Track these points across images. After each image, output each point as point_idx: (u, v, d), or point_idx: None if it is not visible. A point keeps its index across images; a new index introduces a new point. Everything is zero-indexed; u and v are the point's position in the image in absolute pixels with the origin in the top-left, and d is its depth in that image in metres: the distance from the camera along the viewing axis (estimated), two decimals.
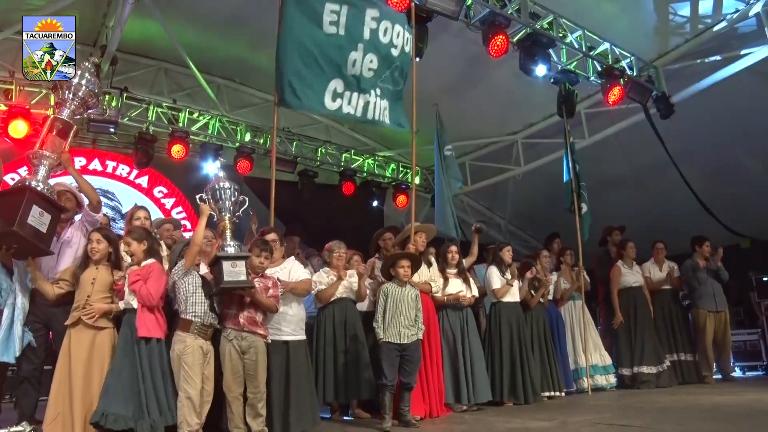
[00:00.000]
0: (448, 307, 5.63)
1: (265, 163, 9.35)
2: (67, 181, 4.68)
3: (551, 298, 6.77)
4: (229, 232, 4.05)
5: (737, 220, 9.15)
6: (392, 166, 11.31)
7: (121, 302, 3.96)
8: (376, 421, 4.73)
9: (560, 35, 7.20)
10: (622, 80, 7.74)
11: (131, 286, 3.86)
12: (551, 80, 7.80)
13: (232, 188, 4.13)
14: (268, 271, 4.23)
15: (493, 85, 8.83)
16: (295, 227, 7.34)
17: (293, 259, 4.77)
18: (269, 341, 4.08)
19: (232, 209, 4.12)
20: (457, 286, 5.70)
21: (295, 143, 9.93)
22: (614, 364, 6.93)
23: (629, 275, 7.16)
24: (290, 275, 4.47)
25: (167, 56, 8.82)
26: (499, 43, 6.63)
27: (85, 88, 4.15)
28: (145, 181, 9.60)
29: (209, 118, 9.18)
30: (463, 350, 5.52)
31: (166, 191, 9.74)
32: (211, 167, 9.01)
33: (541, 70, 7.17)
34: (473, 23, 6.67)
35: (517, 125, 10.16)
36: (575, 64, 7.75)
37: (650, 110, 8.21)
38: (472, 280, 5.95)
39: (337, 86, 5.21)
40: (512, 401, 5.71)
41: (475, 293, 5.86)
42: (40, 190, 3.85)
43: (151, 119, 8.65)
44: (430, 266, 5.61)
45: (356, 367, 4.94)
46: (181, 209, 9.67)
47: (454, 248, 5.87)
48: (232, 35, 8.32)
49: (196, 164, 9.37)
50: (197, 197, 4.15)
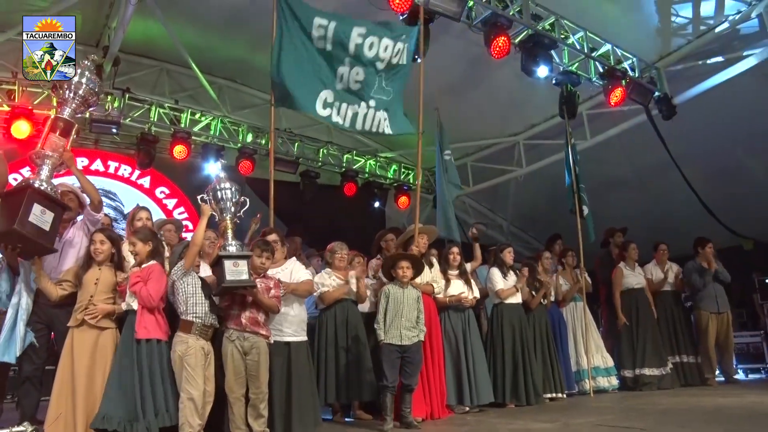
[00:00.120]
0: (449, 308, 5.62)
1: (266, 163, 9.19)
2: (69, 181, 4.68)
3: (553, 299, 6.77)
4: (230, 232, 4.06)
5: (740, 221, 9.13)
6: (394, 167, 11.32)
7: (123, 303, 3.96)
8: (377, 422, 4.72)
9: (562, 36, 7.19)
10: (624, 81, 7.74)
11: (132, 287, 3.86)
12: (553, 81, 7.79)
13: (233, 189, 4.14)
14: (269, 271, 4.23)
15: (494, 86, 8.83)
16: (296, 228, 7.35)
17: (295, 259, 4.77)
18: (271, 342, 4.08)
19: (233, 210, 4.13)
20: (458, 287, 5.70)
21: (296, 144, 9.94)
22: (616, 365, 6.92)
23: (631, 277, 7.15)
24: (292, 276, 4.47)
25: (169, 57, 8.84)
26: (500, 44, 6.63)
27: (85, 86, 4.14)
28: (147, 181, 9.61)
29: (211, 118, 9.20)
30: (465, 351, 5.52)
31: (168, 192, 9.75)
32: (212, 168, 9.01)
33: (542, 71, 7.16)
34: (475, 24, 6.67)
35: (518, 126, 10.16)
36: (577, 65, 7.75)
37: (652, 111, 8.20)
38: (473, 281, 5.95)
39: (327, 96, 5.34)
40: (514, 403, 5.70)
41: (476, 294, 5.85)
42: (41, 188, 3.83)
43: (153, 120, 8.67)
44: (431, 267, 5.61)
45: (358, 368, 4.93)
46: (182, 210, 9.67)
47: (455, 250, 5.87)
48: (233, 36, 8.33)
49: (198, 165, 9.37)
50: (198, 198, 4.16)
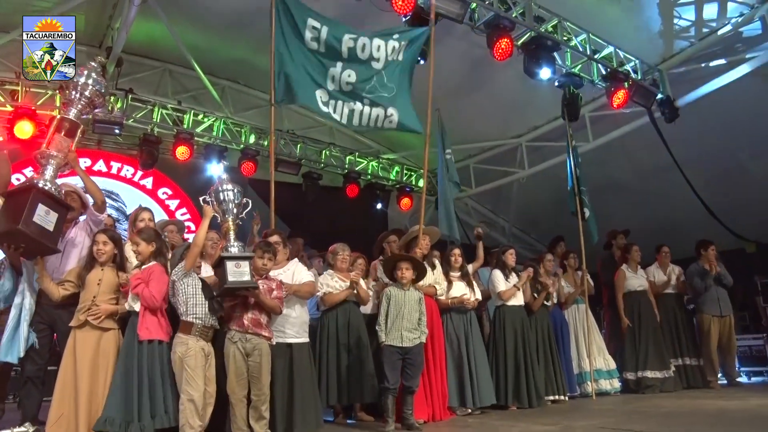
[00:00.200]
0: (451, 310, 5.61)
1: (269, 165, 9.34)
2: (72, 181, 4.68)
3: (555, 301, 6.75)
4: (232, 233, 4.06)
5: (742, 224, 9.12)
6: (396, 168, 11.32)
7: (125, 303, 3.96)
8: (379, 424, 4.71)
9: (565, 38, 7.19)
10: (626, 84, 7.74)
11: (134, 290, 3.86)
12: (556, 83, 7.79)
13: (235, 190, 4.15)
14: (271, 273, 4.24)
15: (497, 88, 8.84)
16: (298, 229, 7.35)
17: (297, 261, 4.77)
18: (274, 343, 4.08)
19: (235, 211, 4.14)
20: (460, 289, 5.68)
21: (299, 145, 9.95)
22: (618, 368, 6.91)
23: (633, 279, 7.13)
24: (294, 277, 4.47)
25: (172, 58, 8.86)
26: (503, 46, 6.63)
27: (91, 87, 4.16)
28: (149, 182, 9.63)
29: (214, 119, 9.22)
30: (467, 353, 5.50)
31: (170, 193, 9.75)
32: (215, 169, 9.02)
33: (545, 73, 7.15)
34: (478, 26, 6.67)
35: (521, 128, 10.17)
36: (580, 67, 7.75)
37: (655, 114, 8.20)
38: (475, 283, 5.94)
39: (321, 95, 5.45)
40: (516, 405, 5.68)
41: (478, 296, 5.84)
42: (45, 188, 3.83)
43: (155, 121, 8.69)
44: (434, 269, 5.60)
45: (359, 370, 4.92)
46: (185, 211, 9.67)
47: (457, 251, 5.86)
48: (236, 37, 8.35)
49: (200, 166, 9.39)
50: (200, 199, 4.16)
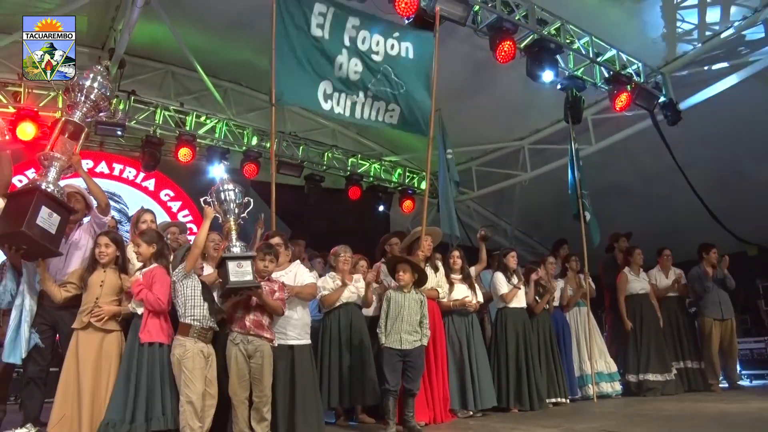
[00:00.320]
0: (453, 312, 5.61)
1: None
2: (76, 182, 4.69)
3: (557, 304, 6.75)
4: (234, 233, 4.06)
5: (744, 227, 9.10)
6: (399, 170, 11.32)
7: (129, 304, 3.96)
8: (380, 426, 4.71)
9: (567, 41, 7.18)
10: (629, 87, 7.72)
11: (137, 297, 3.85)
12: (558, 86, 7.78)
13: (236, 190, 4.14)
14: (273, 274, 4.24)
15: (500, 90, 8.83)
16: (300, 231, 7.35)
17: (299, 263, 4.76)
18: (275, 345, 4.08)
19: (237, 211, 4.13)
20: (462, 291, 5.68)
21: (301, 147, 9.95)
22: (620, 371, 6.90)
23: (636, 282, 7.13)
24: (296, 279, 4.47)
25: (175, 59, 8.87)
26: (506, 48, 6.63)
27: (97, 90, 4.15)
28: (151, 184, 9.63)
29: (216, 121, 9.22)
30: (468, 356, 5.50)
31: (172, 194, 9.76)
32: (217, 171, 9.03)
33: (548, 75, 7.14)
34: (481, 29, 6.67)
35: (523, 131, 10.16)
36: (582, 70, 7.73)
37: (657, 117, 8.19)
38: (477, 286, 5.94)
39: (326, 87, 5.42)
40: (517, 407, 5.69)
41: (480, 299, 5.84)
42: (49, 191, 3.83)
43: (158, 122, 8.68)
44: (437, 272, 5.60)
45: (361, 372, 4.92)
46: (187, 212, 9.68)
47: (456, 253, 5.86)
48: (239, 39, 8.35)
49: (202, 168, 9.37)
50: (201, 200, 4.16)
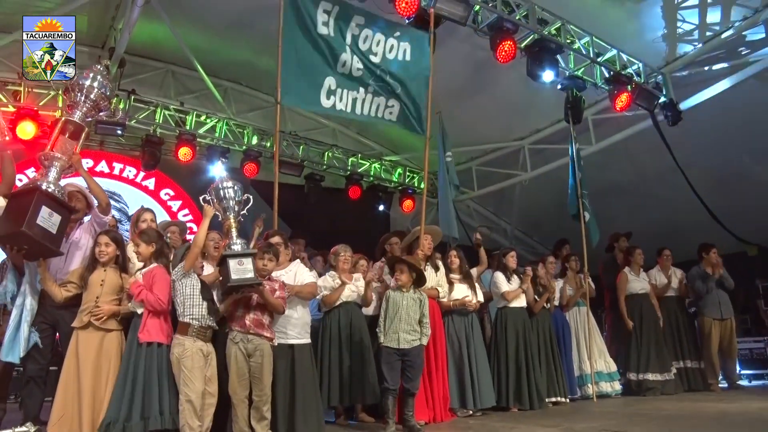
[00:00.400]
0: (453, 312, 5.61)
1: (272, 166, 9.21)
2: (77, 181, 4.69)
3: (557, 304, 6.75)
4: (234, 231, 4.06)
5: (744, 227, 9.10)
6: (399, 170, 11.32)
7: (129, 303, 3.96)
8: (380, 425, 4.71)
9: (568, 41, 7.18)
10: (629, 87, 7.73)
11: (137, 299, 3.85)
12: (558, 86, 7.78)
13: (235, 187, 4.15)
14: (273, 274, 4.24)
15: (500, 90, 8.84)
16: (301, 230, 7.35)
17: (299, 262, 4.77)
18: (275, 344, 4.08)
19: (236, 208, 4.13)
20: (462, 291, 5.68)
21: (301, 147, 9.95)
22: (620, 370, 6.90)
23: (635, 282, 7.14)
24: (296, 278, 4.47)
25: (175, 59, 8.87)
26: (506, 48, 6.63)
27: (97, 90, 4.15)
28: (151, 183, 9.64)
29: (216, 120, 9.22)
30: (468, 355, 5.50)
31: (172, 194, 9.77)
32: (217, 170, 9.03)
33: (548, 75, 7.14)
34: (481, 29, 6.67)
35: (524, 131, 10.17)
36: (583, 70, 7.74)
37: (658, 117, 8.19)
38: (477, 285, 5.94)
39: (330, 83, 5.42)
40: (517, 407, 5.69)
41: (480, 299, 5.84)
42: (49, 191, 3.83)
43: (158, 122, 8.69)
44: (437, 271, 5.60)
45: (361, 371, 4.93)
46: (187, 212, 9.68)
47: (453, 253, 5.87)
48: (239, 38, 8.36)
49: (203, 167, 9.38)
50: (201, 198, 4.16)
